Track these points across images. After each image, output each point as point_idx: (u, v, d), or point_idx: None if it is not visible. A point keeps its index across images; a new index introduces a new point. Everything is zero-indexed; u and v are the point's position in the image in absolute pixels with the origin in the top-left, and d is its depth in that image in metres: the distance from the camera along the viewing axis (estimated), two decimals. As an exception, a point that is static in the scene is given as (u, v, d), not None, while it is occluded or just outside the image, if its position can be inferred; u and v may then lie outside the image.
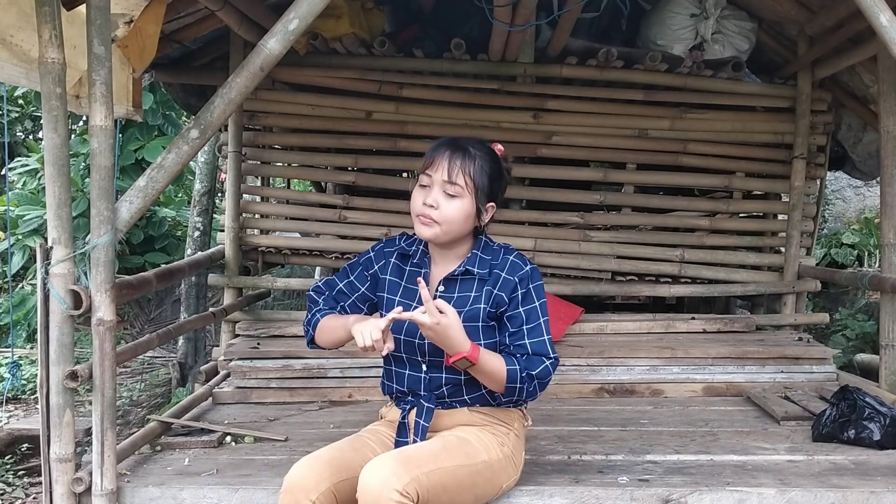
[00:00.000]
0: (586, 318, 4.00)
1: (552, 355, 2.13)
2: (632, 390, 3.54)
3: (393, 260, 2.24)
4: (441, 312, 1.96)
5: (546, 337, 2.13)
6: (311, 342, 2.25)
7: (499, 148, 2.20)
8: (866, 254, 7.31)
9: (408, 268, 2.23)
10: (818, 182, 4.42)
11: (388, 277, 2.23)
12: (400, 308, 2.03)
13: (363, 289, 2.25)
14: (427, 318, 1.95)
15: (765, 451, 2.72)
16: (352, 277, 2.27)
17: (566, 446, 2.75)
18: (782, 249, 4.33)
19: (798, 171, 4.20)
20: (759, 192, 4.49)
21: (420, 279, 2.00)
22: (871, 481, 2.39)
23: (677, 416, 3.22)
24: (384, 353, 2.00)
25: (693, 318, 4.05)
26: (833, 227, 8.10)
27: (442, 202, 2.07)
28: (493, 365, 2.06)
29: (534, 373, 2.09)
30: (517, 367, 2.08)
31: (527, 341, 2.11)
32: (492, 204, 2.16)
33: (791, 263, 4.25)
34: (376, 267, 2.25)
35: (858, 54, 3.61)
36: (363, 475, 1.90)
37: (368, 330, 1.97)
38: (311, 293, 2.29)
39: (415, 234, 2.23)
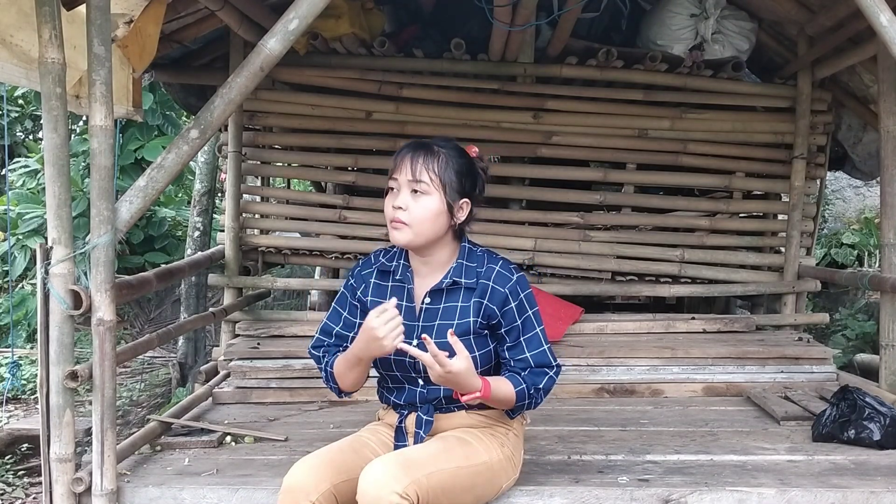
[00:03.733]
0: (586, 318, 4.00)
1: (554, 364, 2.13)
2: (632, 390, 3.54)
3: (373, 280, 2.20)
4: (450, 362, 1.92)
5: (545, 346, 2.12)
6: (343, 393, 2.19)
7: (473, 150, 2.17)
8: (866, 254, 7.32)
9: (390, 284, 2.18)
10: (818, 182, 4.41)
11: (370, 299, 2.18)
12: (402, 341, 1.94)
13: (358, 321, 2.18)
14: (438, 369, 1.91)
15: (765, 451, 2.72)
16: (344, 314, 2.22)
17: (566, 446, 2.75)
18: (782, 249, 4.33)
19: (798, 171, 4.20)
20: (759, 192, 4.48)
21: (425, 336, 1.93)
22: (871, 481, 2.39)
23: (677, 416, 3.22)
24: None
25: (693, 318, 4.05)
26: (833, 227, 8.10)
27: (410, 203, 2.05)
28: (503, 392, 2.06)
29: (540, 386, 2.10)
30: (524, 385, 2.08)
31: (528, 354, 2.10)
32: (465, 200, 2.10)
33: (791, 263, 4.25)
34: (358, 292, 2.21)
35: (858, 54, 3.61)
36: (363, 478, 1.89)
37: (386, 332, 1.91)
38: (312, 350, 2.23)
39: (393, 248, 2.21)
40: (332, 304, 2.27)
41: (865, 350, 5.47)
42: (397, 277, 2.17)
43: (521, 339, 2.11)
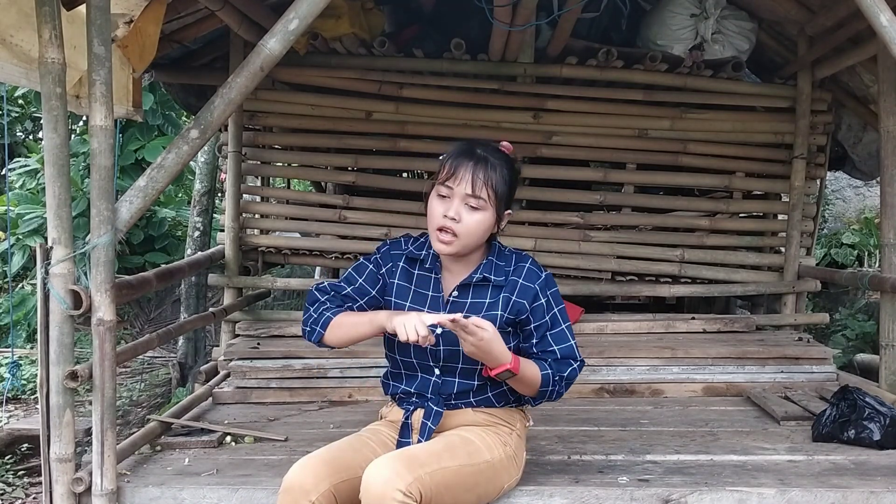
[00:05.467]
0: (586, 318, 4.00)
1: (579, 358, 2.17)
2: (632, 390, 3.54)
3: (401, 264, 2.20)
4: (479, 328, 1.94)
5: (572, 342, 2.16)
6: (320, 341, 2.15)
7: (507, 146, 2.17)
8: (866, 254, 7.31)
9: (416, 271, 2.19)
10: (818, 182, 4.42)
11: (396, 282, 2.19)
12: (452, 316, 1.94)
13: (374, 292, 2.19)
14: (470, 338, 1.93)
15: (765, 451, 2.72)
16: (361, 280, 2.20)
17: (566, 446, 2.75)
18: (782, 249, 4.33)
19: (798, 171, 4.20)
20: (759, 192, 4.49)
21: (458, 316, 1.92)
22: (871, 481, 2.39)
23: (677, 416, 3.22)
24: (425, 345, 1.96)
25: (693, 318, 4.05)
26: (833, 227, 8.10)
27: (464, 215, 2.05)
28: (531, 373, 2.08)
29: (564, 375, 2.13)
30: (549, 371, 2.10)
31: (555, 347, 2.14)
32: (509, 211, 2.15)
33: (791, 263, 4.25)
34: (384, 269, 2.21)
35: (858, 54, 3.61)
36: (366, 475, 1.89)
37: (413, 324, 1.91)
38: (315, 292, 2.20)
39: (422, 235, 2.23)
40: (349, 269, 2.25)
41: (865, 350, 5.46)
42: (426, 266, 2.19)
43: (549, 334, 2.14)
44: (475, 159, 2.05)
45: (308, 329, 2.16)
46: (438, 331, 2.00)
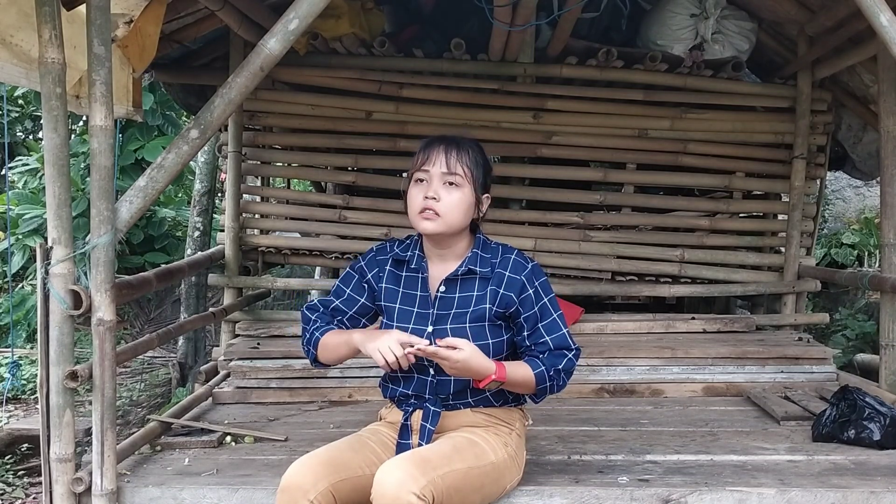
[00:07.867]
0: (586, 318, 4.00)
1: (574, 347, 2.16)
2: (632, 390, 3.54)
3: (388, 267, 2.23)
4: (454, 348, 1.96)
5: (564, 330, 2.16)
6: (315, 361, 2.22)
7: None
8: (866, 254, 7.31)
9: (404, 273, 2.21)
10: (818, 182, 4.42)
11: (384, 286, 2.22)
12: (426, 342, 2.00)
13: (362, 300, 2.23)
14: (445, 363, 1.96)
15: (765, 451, 2.72)
16: (348, 291, 2.24)
17: (566, 446, 2.75)
18: (782, 249, 4.33)
19: (798, 171, 4.20)
20: (759, 192, 4.49)
21: (419, 349, 1.97)
22: (871, 481, 2.39)
23: (677, 416, 3.22)
24: (406, 366, 2.00)
25: (693, 318, 4.05)
26: (833, 227, 8.09)
27: (443, 194, 2.09)
28: (521, 375, 2.08)
29: (560, 367, 2.12)
30: (543, 367, 2.10)
31: (547, 338, 2.14)
32: (487, 195, 2.19)
33: (791, 263, 4.26)
34: (370, 275, 2.24)
35: (858, 54, 3.61)
36: (379, 477, 1.89)
37: (387, 346, 1.96)
38: (306, 311, 2.26)
39: (408, 238, 2.25)
40: (337, 282, 2.30)
41: (865, 350, 5.47)
42: (412, 267, 2.20)
43: (540, 325, 2.14)
44: (445, 142, 2.13)
45: (305, 349, 2.24)
46: (429, 328, 2.02)
